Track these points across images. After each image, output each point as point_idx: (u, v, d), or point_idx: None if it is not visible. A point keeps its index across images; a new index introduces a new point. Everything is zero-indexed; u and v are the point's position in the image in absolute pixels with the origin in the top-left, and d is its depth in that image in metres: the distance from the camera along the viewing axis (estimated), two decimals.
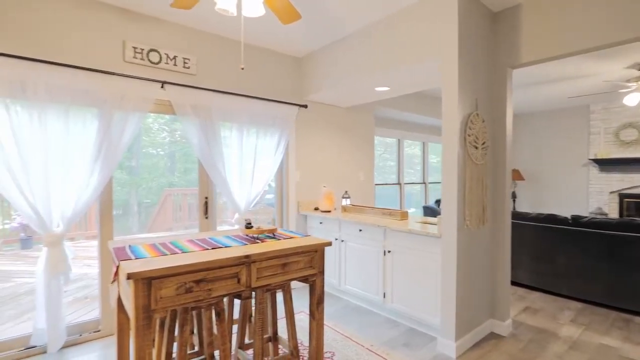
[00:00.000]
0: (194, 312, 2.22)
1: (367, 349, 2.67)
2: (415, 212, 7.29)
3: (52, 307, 2.58)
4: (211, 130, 3.28)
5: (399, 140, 6.51)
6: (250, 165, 3.52)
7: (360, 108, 4.85)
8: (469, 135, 2.66)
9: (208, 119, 3.27)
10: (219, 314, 1.80)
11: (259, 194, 3.61)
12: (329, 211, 3.98)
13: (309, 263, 1.99)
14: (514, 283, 4.15)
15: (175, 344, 1.78)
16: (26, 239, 6.10)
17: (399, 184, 6.49)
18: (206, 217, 3.42)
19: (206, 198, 3.42)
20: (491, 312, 2.99)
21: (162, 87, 3.04)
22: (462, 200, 2.63)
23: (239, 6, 2.64)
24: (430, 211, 5.87)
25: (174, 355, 2.00)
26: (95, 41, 2.81)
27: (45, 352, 2.62)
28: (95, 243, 3.07)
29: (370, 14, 3.07)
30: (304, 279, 2.00)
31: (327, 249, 3.77)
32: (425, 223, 3.13)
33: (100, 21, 2.83)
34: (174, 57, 3.17)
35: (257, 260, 1.77)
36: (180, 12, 3.02)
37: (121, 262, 1.53)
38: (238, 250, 1.79)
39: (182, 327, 1.67)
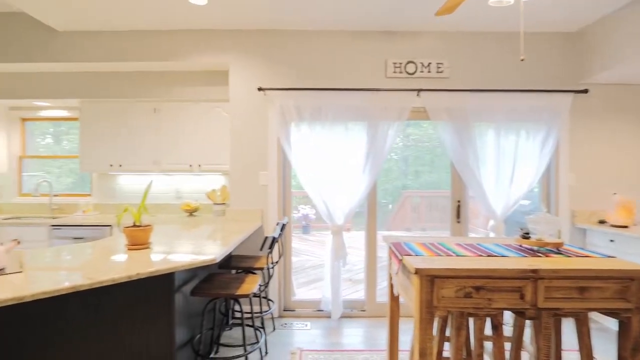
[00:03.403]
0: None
1: None
2: None
3: (334, 283, 3.24)
4: (465, 131, 3.17)
5: None
6: (509, 167, 3.15)
7: None
8: None
9: (462, 120, 3.18)
10: (496, 327, 1.67)
11: (518, 200, 3.18)
12: (626, 226, 2.98)
13: (621, 294, 1.53)
14: None
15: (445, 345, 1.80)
16: (306, 226, 8.08)
17: None
18: (458, 221, 3.34)
19: (458, 201, 3.34)
20: None
21: (417, 95, 3.21)
22: None
23: None
24: None
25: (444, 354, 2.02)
26: (363, 65, 3.32)
27: (329, 317, 3.32)
28: (349, 234, 3.54)
29: None
30: (610, 313, 1.56)
31: None
32: None
33: (367, 47, 3.32)
34: (428, 64, 3.28)
35: (546, 277, 1.52)
36: (433, 20, 3.09)
37: (404, 257, 1.69)
38: (521, 262, 1.60)
39: (458, 330, 1.66)
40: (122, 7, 2.98)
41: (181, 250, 1.99)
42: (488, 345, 2.41)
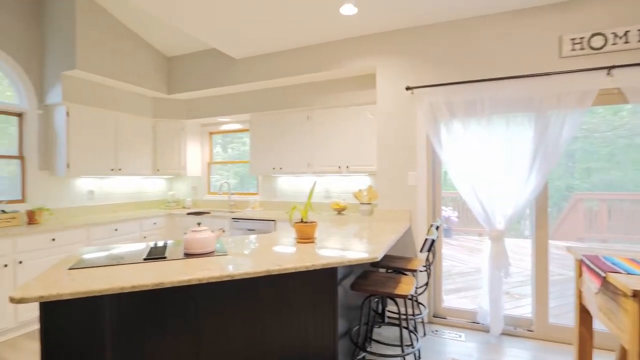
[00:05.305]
0: None
1: None
2: None
3: (493, 294, 2.91)
4: None
5: None
6: None
7: None
8: None
9: None
10: None
11: None
12: None
13: None
14: None
15: None
16: (447, 229, 7.57)
17: None
18: None
19: None
20: None
21: (608, 73, 2.59)
22: None
23: None
24: None
25: None
26: (528, 47, 2.88)
27: (487, 331, 3.00)
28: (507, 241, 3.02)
29: None
30: None
31: None
32: None
33: (531, 26, 2.86)
34: (625, 33, 2.60)
35: None
36: None
37: (611, 275, 1.37)
38: None
39: None
40: (286, 31, 3.41)
41: (340, 246, 2.12)
42: None
